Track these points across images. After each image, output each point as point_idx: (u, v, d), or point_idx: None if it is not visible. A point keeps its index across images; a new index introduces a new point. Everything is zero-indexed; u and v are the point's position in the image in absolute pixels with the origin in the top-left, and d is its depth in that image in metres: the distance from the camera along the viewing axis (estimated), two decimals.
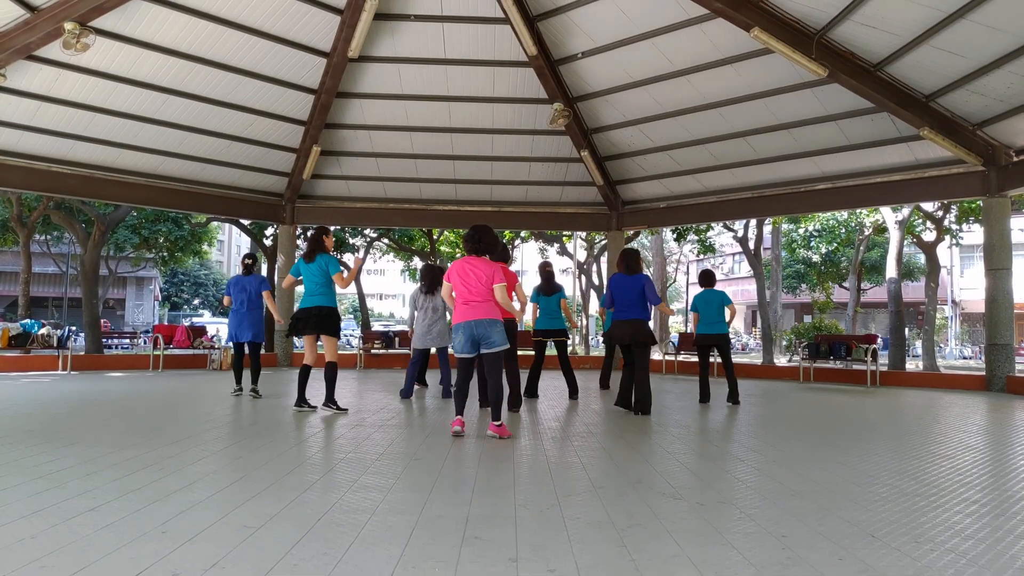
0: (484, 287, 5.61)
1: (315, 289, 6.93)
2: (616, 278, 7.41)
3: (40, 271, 32.31)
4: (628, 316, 7.20)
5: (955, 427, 6.73)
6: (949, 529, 3.09)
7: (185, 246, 23.41)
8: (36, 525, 2.91)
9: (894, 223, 16.99)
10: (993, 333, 11.08)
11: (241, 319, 8.27)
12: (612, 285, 7.41)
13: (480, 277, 5.61)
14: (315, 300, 6.90)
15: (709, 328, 8.44)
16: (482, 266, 5.67)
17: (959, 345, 37.09)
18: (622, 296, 7.23)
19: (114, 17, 10.20)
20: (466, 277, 5.62)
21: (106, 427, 5.70)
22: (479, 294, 5.60)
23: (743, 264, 40.82)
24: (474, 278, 5.61)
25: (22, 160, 11.98)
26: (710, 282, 8.66)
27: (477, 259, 5.73)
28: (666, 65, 11.75)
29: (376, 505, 3.34)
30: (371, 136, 14.14)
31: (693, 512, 3.32)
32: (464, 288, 5.62)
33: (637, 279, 7.23)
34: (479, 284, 5.61)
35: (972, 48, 9.09)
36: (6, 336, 11.95)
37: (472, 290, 5.60)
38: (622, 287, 7.25)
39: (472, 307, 5.61)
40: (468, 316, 5.60)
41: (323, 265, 6.95)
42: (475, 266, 5.66)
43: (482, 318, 5.59)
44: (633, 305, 7.18)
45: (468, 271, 5.64)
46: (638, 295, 7.16)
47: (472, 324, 5.59)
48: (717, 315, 8.41)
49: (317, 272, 6.94)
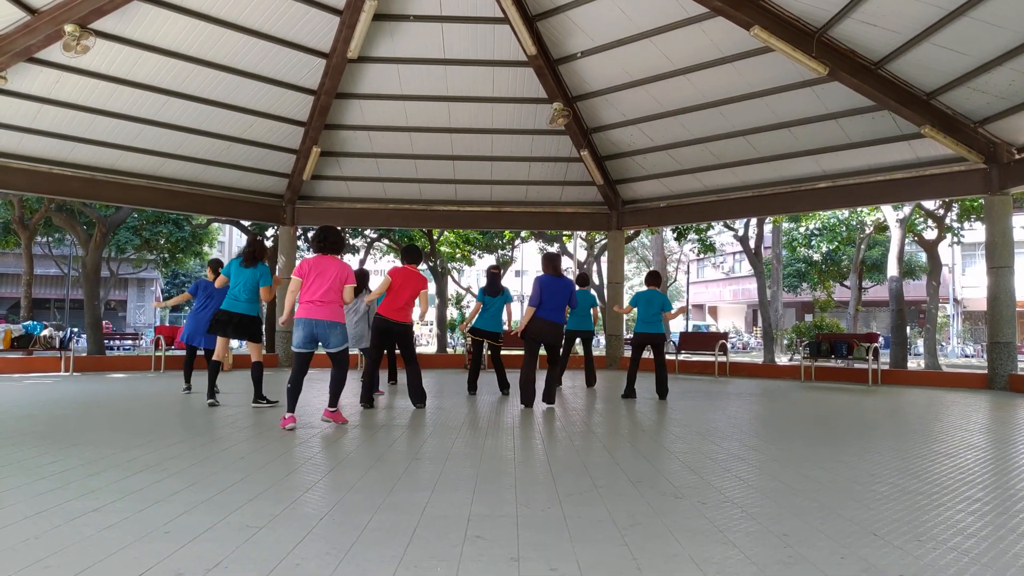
0: (333, 288, 5.84)
1: (245, 295, 7.08)
2: (547, 279, 7.60)
3: (42, 273, 32.34)
4: (560, 319, 7.62)
5: (957, 425, 6.72)
6: (951, 527, 3.09)
7: (186, 247, 23.43)
8: (40, 526, 2.92)
9: (895, 221, 16.97)
10: (995, 331, 11.07)
11: (192, 319, 8.52)
12: (545, 285, 7.58)
13: (329, 277, 5.83)
14: (247, 307, 7.09)
15: (648, 327, 8.61)
16: (335, 265, 5.88)
17: (961, 343, 37.04)
18: (554, 298, 7.54)
19: (114, 19, 10.21)
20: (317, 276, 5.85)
21: (108, 428, 5.71)
22: (326, 294, 5.81)
23: (744, 263, 40.80)
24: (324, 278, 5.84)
25: (24, 162, 11.99)
26: (656, 283, 8.90)
27: (328, 258, 5.94)
28: (666, 64, 11.75)
29: (377, 505, 3.34)
30: (371, 137, 14.15)
31: (695, 511, 3.32)
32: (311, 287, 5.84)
33: (567, 283, 7.63)
34: (327, 284, 5.82)
35: (973, 45, 9.08)
36: (9, 338, 11.96)
37: (319, 289, 5.81)
38: (553, 288, 7.55)
39: (315, 306, 5.79)
40: (311, 314, 5.79)
41: (261, 274, 7.11)
42: (326, 266, 5.88)
43: (324, 319, 5.79)
44: (561, 308, 7.59)
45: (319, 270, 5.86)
46: (567, 299, 7.58)
47: (312, 323, 5.80)
48: (656, 316, 8.63)
49: (253, 279, 7.09)
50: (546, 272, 7.65)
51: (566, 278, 7.63)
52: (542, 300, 7.49)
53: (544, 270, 7.70)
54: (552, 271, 7.62)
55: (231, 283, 7.14)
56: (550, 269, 7.64)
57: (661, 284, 8.95)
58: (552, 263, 7.69)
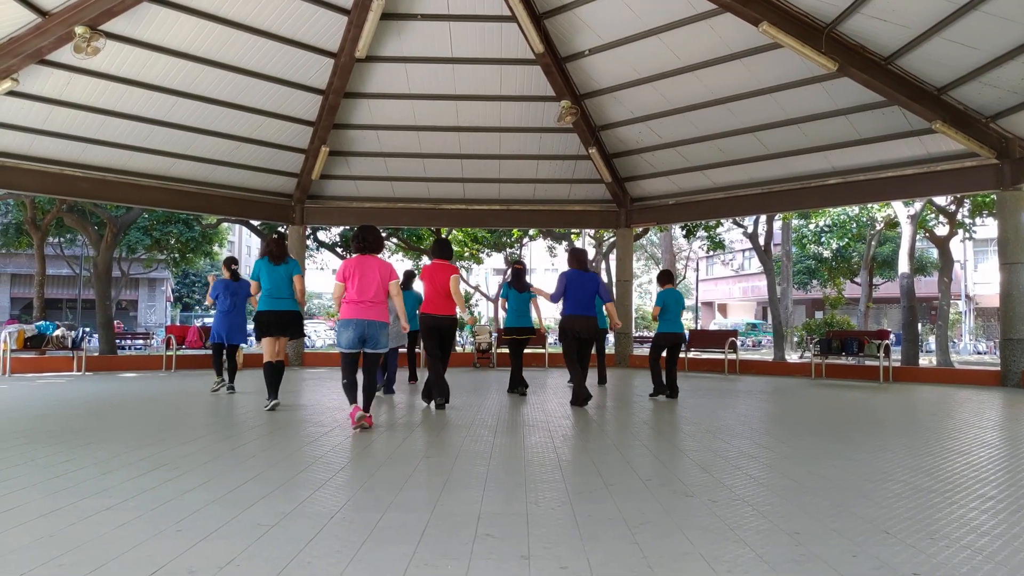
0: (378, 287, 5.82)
1: (282, 292, 7.13)
2: (574, 273, 7.62)
3: (54, 273, 32.55)
4: (590, 312, 7.54)
5: (970, 423, 6.68)
6: (964, 525, 3.07)
7: (196, 247, 23.55)
8: (54, 524, 2.94)
9: (906, 218, 16.88)
10: (1008, 327, 10.98)
11: (224, 320, 8.78)
12: (571, 280, 7.59)
13: (374, 277, 5.81)
14: (286, 304, 7.12)
15: (672, 327, 8.53)
16: (376, 265, 5.86)
17: (973, 340, 36.78)
18: (580, 292, 7.51)
19: (124, 21, 10.27)
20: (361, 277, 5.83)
21: (121, 427, 5.75)
22: (375, 295, 5.80)
23: (753, 260, 40.63)
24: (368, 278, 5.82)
25: (35, 164, 12.08)
26: (671, 280, 8.88)
27: (369, 258, 5.91)
28: (674, 61, 11.72)
29: (388, 503, 3.35)
30: (379, 136, 14.17)
31: (705, 509, 3.31)
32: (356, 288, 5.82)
33: (594, 277, 7.60)
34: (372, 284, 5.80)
35: (985, 40, 9.01)
36: (22, 338, 12.06)
37: (366, 290, 5.79)
38: (579, 283, 7.54)
39: (363, 307, 5.77)
40: (360, 315, 5.77)
41: (291, 270, 7.16)
42: (369, 266, 5.86)
43: (375, 319, 5.78)
44: (592, 302, 7.54)
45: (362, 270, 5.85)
46: (595, 292, 7.54)
47: (363, 324, 5.77)
48: (678, 315, 8.61)
49: (285, 275, 7.13)
50: (571, 267, 7.69)
51: (592, 272, 7.64)
52: (567, 294, 7.52)
53: (569, 264, 7.75)
54: (577, 265, 7.66)
55: (264, 284, 7.12)
56: (575, 263, 7.68)
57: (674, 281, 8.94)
58: (577, 257, 7.73)
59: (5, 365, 11.56)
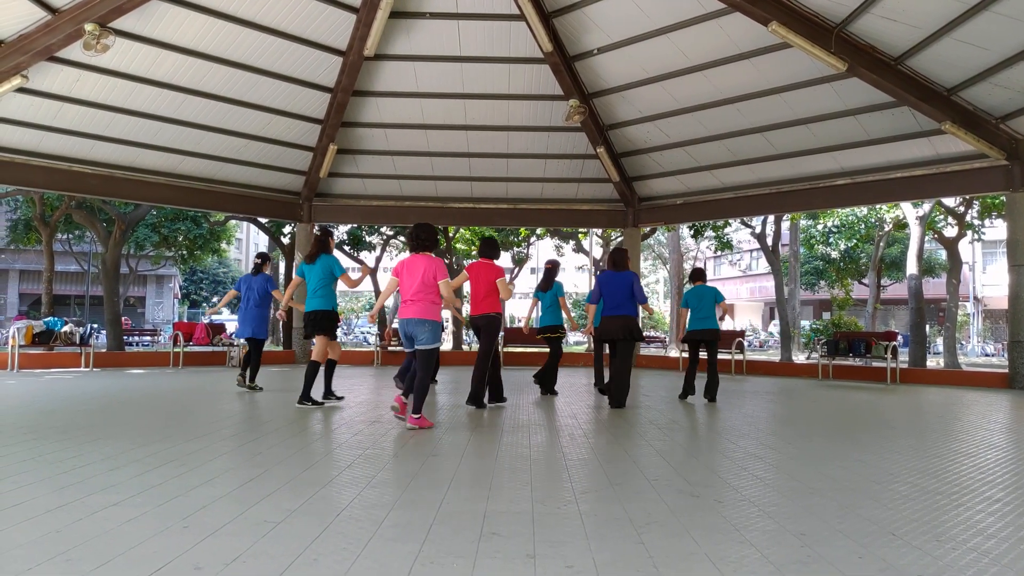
0: (423, 285, 5.84)
1: (316, 290, 7.14)
2: (606, 275, 7.67)
3: (62, 270, 32.69)
4: (618, 312, 7.48)
5: (977, 425, 6.65)
6: (971, 528, 3.05)
7: (204, 244, 23.63)
8: (61, 519, 2.96)
9: (915, 219, 16.80)
10: (1016, 330, 10.92)
11: (243, 316, 8.70)
12: (601, 281, 7.67)
13: (417, 275, 5.85)
14: (313, 303, 7.12)
15: (700, 324, 8.42)
16: (423, 263, 5.88)
17: (981, 342, 36.60)
18: (612, 292, 7.51)
19: (133, 18, 10.31)
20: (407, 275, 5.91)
21: (128, 423, 5.77)
22: (416, 293, 5.84)
23: (761, 260, 40.50)
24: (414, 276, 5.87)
25: (44, 160, 12.14)
26: (701, 278, 8.74)
27: (419, 256, 5.96)
28: (682, 60, 11.69)
29: (394, 501, 3.35)
30: (387, 134, 14.18)
31: (711, 509, 3.30)
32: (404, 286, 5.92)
33: (627, 276, 7.53)
34: (417, 282, 5.84)
35: (995, 40, 8.96)
36: (30, 333, 12.12)
37: (410, 288, 5.85)
38: (612, 283, 7.52)
39: (406, 305, 5.87)
40: (403, 314, 5.89)
41: (328, 267, 7.14)
42: (416, 264, 5.91)
43: (412, 317, 5.82)
44: (624, 301, 7.46)
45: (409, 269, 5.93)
46: (627, 291, 7.45)
47: (404, 322, 5.88)
48: (708, 310, 8.44)
49: (320, 273, 7.12)
50: (608, 268, 7.77)
51: (627, 271, 7.59)
52: (601, 296, 7.62)
53: (607, 266, 7.82)
54: (612, 266, 7.72)
55: (307, 283, 7.24)
56: (610, 264, 7.77)
57: (705, 278, 8.71)
58: (612, 258, 7.78)
59: (13, 361, 11.62)
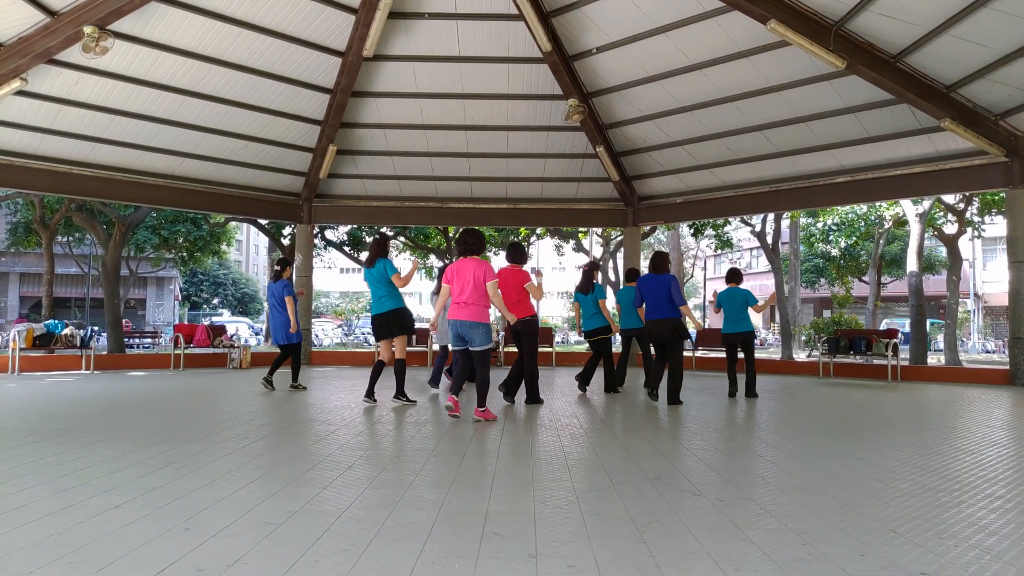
0: (473, 288, 6.08)
1: (379, 293, 7.34)
2: (645, 279, 7.83)
3: (63, 272, 32.70)
4: (662, 315, 7.59)
5: (978, 422, 6.65)
6: (973, 525, 3.05)
7: (204, 246, 23.62)
8: (63, 522, 2.96)
9: (914, 216, 16.78)
10: (1017, 326, 10.92)
11: (271, 324, 9.11)
12: (641, 285, 7.87)
13: (468, 278, 6.09)
14: (383, 305, 7.33)
15: (732, 327, 8.62)
16: (471, 267, 6.12)
17: (982, 339, 36.57)
18: (652, 296, 7.65)
19: (132, 20, 10.30)
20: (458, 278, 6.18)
21: (129, 426, 5.78)
22: (469, 296, 6.08)
23: (761, 259, 40.48)
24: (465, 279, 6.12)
25: (44, 163, 12.14)
26: (735, 279, 8.80)
27: (467, 260, 6.19)
28: (681, 59, 11.68)
29: (396, 502, 3.36)
30: (386, 135, 14.18)
31: (713, 508, 3.30)
32: (456, 289, 6.19)
33: (664, 280, 7.63)
34: (469, 285, 6.09)
35: (994, 37, 8.95)
36: (31, 336, 12.13)
37: (462, 291, 6.11)
38: (651, 287, 7.66)
39: (458, 307, 6.12)
40: (455, 316, 6.14)
41: (382, 269, 7.32)
42: (465, 267, 6.16)
43: (466, 319, 6.09)
44: (663, 304, 7.58)
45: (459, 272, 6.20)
46: (666, 295, 7.56)
47: (456, 324, 6.15)
48: (740, 313, 8.52)
49: (379, 277, 7.31)
50: (648, 271, 7.92)
51: (667, 275, 7.69)
52: (642, 300, 7.83)
53: (649, 270, 7.94)
54: (652, 269, 7.84)
55: (370, 288, 7.46)
56: (651, 268, 7.89)
57: (740, 280, 8.78)
58: (652, 262, 7.91)
59: (14, 363, 11.63)
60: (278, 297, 8.84)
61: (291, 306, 8.68)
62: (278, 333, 8.90)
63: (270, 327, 9.11)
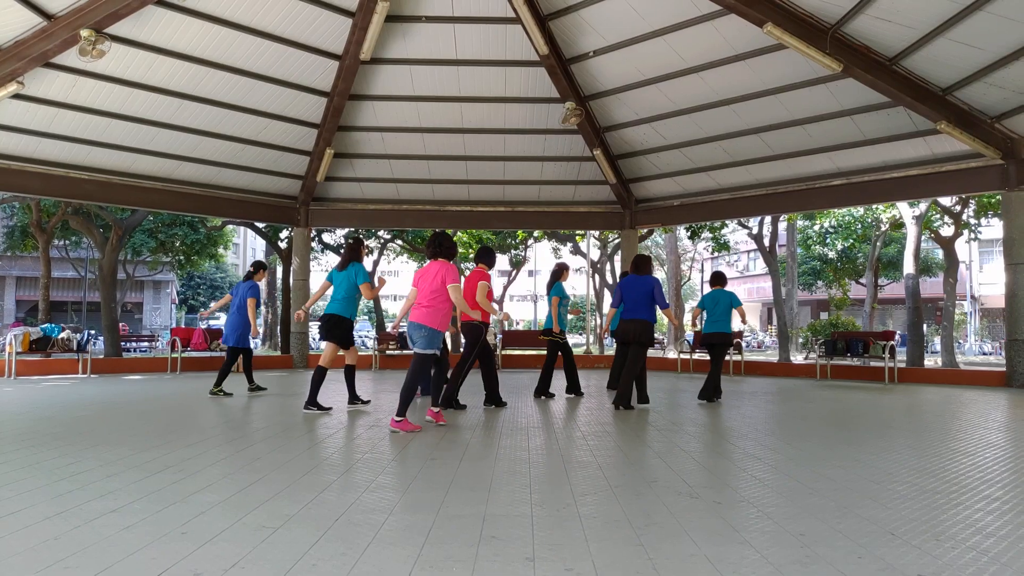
0: (429, 290, 5.99)
1: (338, 295, 7.23)
2: (628, 279, 7.81)
3: (59, 276, 32.66)
4: (636, 316, 7.58)
5: (975, 423, 6.66)
6: (970, 526, 3.06)
7: (201, 249, 23.61)
8: (59, 526, 2.95)
9: (911, 218, 16.83)
10: (1013, 328, 10.94)
11: (227, 322, 8.92)
12: (622, 285, 7.85)
13: (428, 281, 6.01)
14: (330, 307, 7.20)
15: (710, 327, 8.57)
16: (435, 269, 6.04)
17: (979, 341, 36.65)
18: (631, 296, 7.64)
19: (129, 24, 10.30)
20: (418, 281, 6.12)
21: (126, 430, 5.76)
22: (426, 297, 6.00)
23: (758, 261, 40.58)
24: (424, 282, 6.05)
25: (41, 166, 12.12)
26: (720, 282, 8.77)
27: (433, 263, 6.12)
28: (678, 62, 11.71)
29: (393, 505, 3.35)
30: (384, 138, 14.19)
31: (710, 511, 3.30)
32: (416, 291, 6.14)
33: (647, 281, 7.63)
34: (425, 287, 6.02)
35: (990, 40, 8.98)
36: (27, 340, 12.09)
37: (423, 294, 6.03)
38: (632, 288, 7.65)
39: (415, 309, 6.06)
40: (411, 318, 6.06)
41: (353, 274, 7.20)
42: (426, 270, 6.09)
43: (413, 320, 6.00)
44: (640, 305, 7.58)
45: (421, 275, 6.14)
46: (646, 296, 7.57)
47: (408, 325, 6.07)
48: (723, 315, 8.52)
49: (346, 280, 7.20)
50: (630, 272, 7.91)
51: (649, 276, 7.69)
52: (622, 299, 7.80)
53: (630, 271, 7.95)
54: (634, 269, 7.83)
55: (333, 287, 7.34)
56: (632, 268, 7.89)
57: (724, 283, 8.72)
58: (635, 262, 7.90)
59: (11, 368, 11.59)
60: (241, 297, 8.71)
61: (251, 309, 8.62)
62: (231, 334, 8.72)
63: (225, 326, 8.87)
